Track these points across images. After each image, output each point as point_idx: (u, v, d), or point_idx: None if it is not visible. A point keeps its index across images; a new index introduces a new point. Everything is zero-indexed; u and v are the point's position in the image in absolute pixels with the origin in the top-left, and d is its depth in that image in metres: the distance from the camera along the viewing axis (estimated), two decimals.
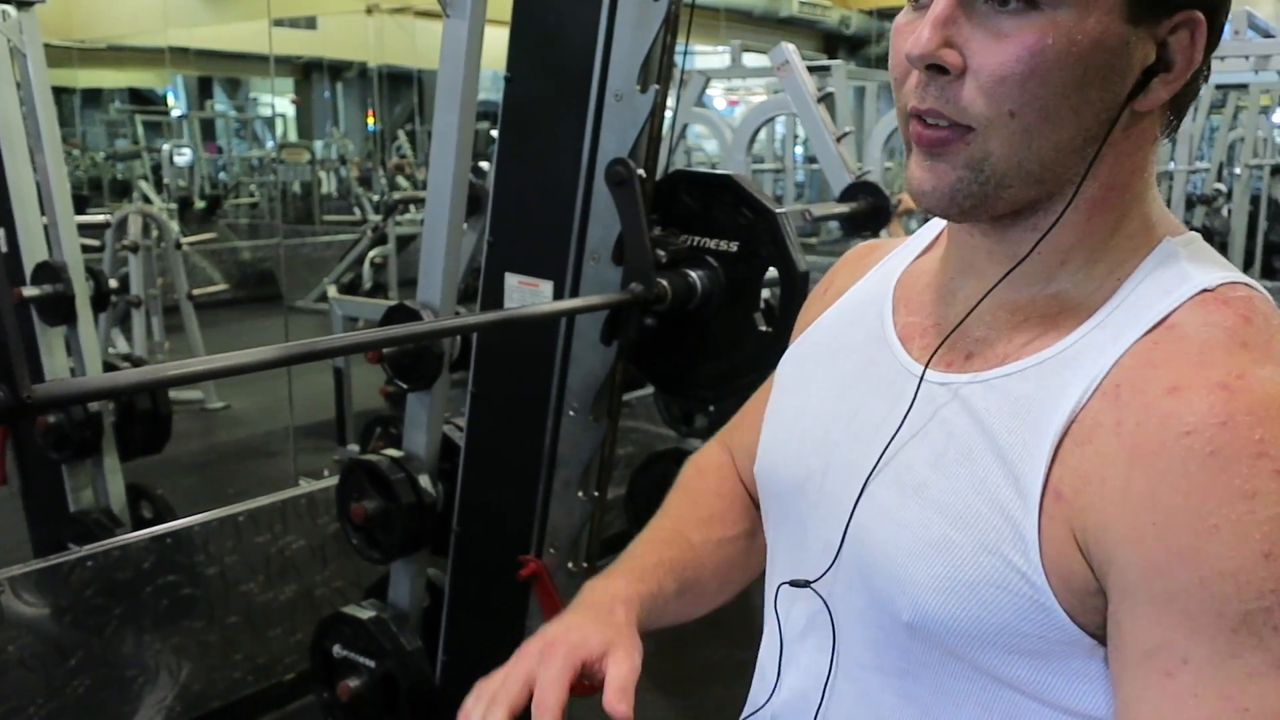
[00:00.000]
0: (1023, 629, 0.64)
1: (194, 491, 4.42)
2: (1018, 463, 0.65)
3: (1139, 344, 0.64)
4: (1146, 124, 0.68)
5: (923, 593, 0.67)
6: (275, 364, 1.25)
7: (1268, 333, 0.63)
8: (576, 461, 1.91)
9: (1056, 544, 0.63)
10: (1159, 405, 0.60)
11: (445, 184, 1.99)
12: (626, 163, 1.72)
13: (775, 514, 0.85)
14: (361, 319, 4.03)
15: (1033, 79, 0.63)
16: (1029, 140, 0.64)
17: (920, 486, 0.69)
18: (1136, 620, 0.59)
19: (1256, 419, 0.57)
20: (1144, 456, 0.60)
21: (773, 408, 0.88)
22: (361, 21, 10.16)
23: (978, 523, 0.65)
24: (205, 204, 10.51)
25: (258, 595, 2.76)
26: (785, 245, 1.71)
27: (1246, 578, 0.55)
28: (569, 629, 0.77)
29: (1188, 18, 0.64)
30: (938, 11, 0.64)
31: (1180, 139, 6.02)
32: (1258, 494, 0.56)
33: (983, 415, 0.68)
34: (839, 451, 0.77)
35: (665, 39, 1.71)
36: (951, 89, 0.65)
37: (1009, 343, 0.70)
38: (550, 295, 1.86)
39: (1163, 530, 0.58)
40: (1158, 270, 0.67)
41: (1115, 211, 0.69)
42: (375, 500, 2.07)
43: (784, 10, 13.18)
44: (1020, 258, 0.69)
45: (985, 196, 0.66)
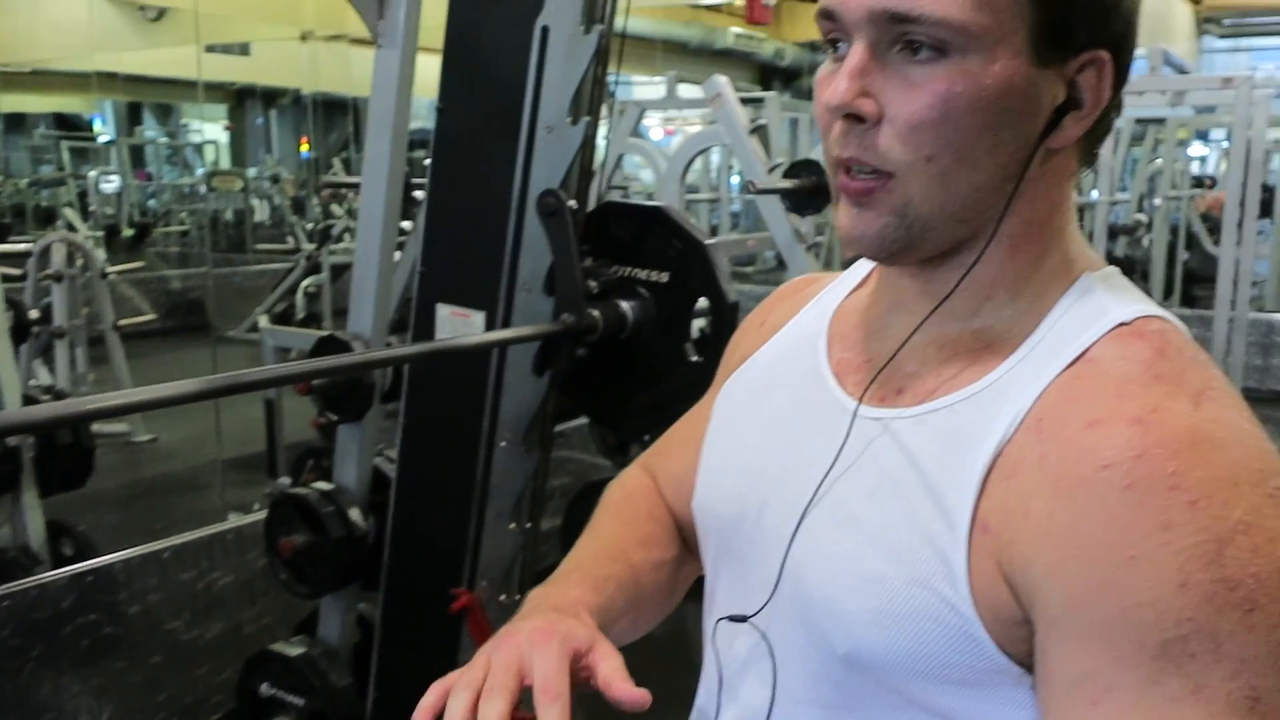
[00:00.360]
0: (954, 660, 0.65)
1: (118, 527, 4.30)
2: (946, 496, 0.66)
3: (1060, 378, 0.66)
4: (1062, 160, 0.70)
5: (857, 626, 0.68)
6: (198, 397, 1.23)
7: (1180, 365, 0.65)
8: (509, 492, 1.90)
9: (984, 576, 0.64)
10: (1079, 439, 0.62)
11: (376, 213, 1.98)
12: (557, 194, 1.72)
13: (714, 549, 0.85)
14: (294, 349, 3.97)
15: (946, 124, 0.65)
16: (947, 183, 0.66)
17: (854, 521, 0.70)
18: (1062, 650, 0.60)
19: (1170, 452, 0.59)
20: (1065, 489, 0.61)
21: (710, 443, 0.88)
22: (296, 48, 10.06)
23: (909, 556, 0.66)
24: (133, 232, 10.31)
25: (183, 633, 2.69)
26: (715, 276, 1.72)
27: (1164, 607, 0.56)
28: (550, 621, 0.72)
29: (1093, 57, 0.66)
30: (853, 63, 0.66)
31: (1102, 171, 6.20)
32: (1173, 525, 0.57)
33: (913, 450, 0.69)
34: (775, 487, 0.78)
35: (596, 71, 1.73)
36: (870, 137, 0.67)
37: (938, 377, 0.71)
38: (482, 326, 1.86)
39: (1084, 562, 0.59)
40: (1077, 305, 0.69)
41: (1036, 246, 0.71)
42: (304, 534, 2.04)
43: (719, 42, 13.35)
44: (946, 292, 0.71)
45: (912, 240, 0.68)
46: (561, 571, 0.87)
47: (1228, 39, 17.74)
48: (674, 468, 0.97)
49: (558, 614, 0.75)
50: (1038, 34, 0.64)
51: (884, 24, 0.65)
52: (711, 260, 1.73)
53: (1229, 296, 5.51)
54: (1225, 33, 17.39)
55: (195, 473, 5.07)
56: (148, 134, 14.12)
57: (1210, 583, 0.56)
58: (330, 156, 11.58)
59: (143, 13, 9.25)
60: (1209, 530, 0.57)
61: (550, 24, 1.71)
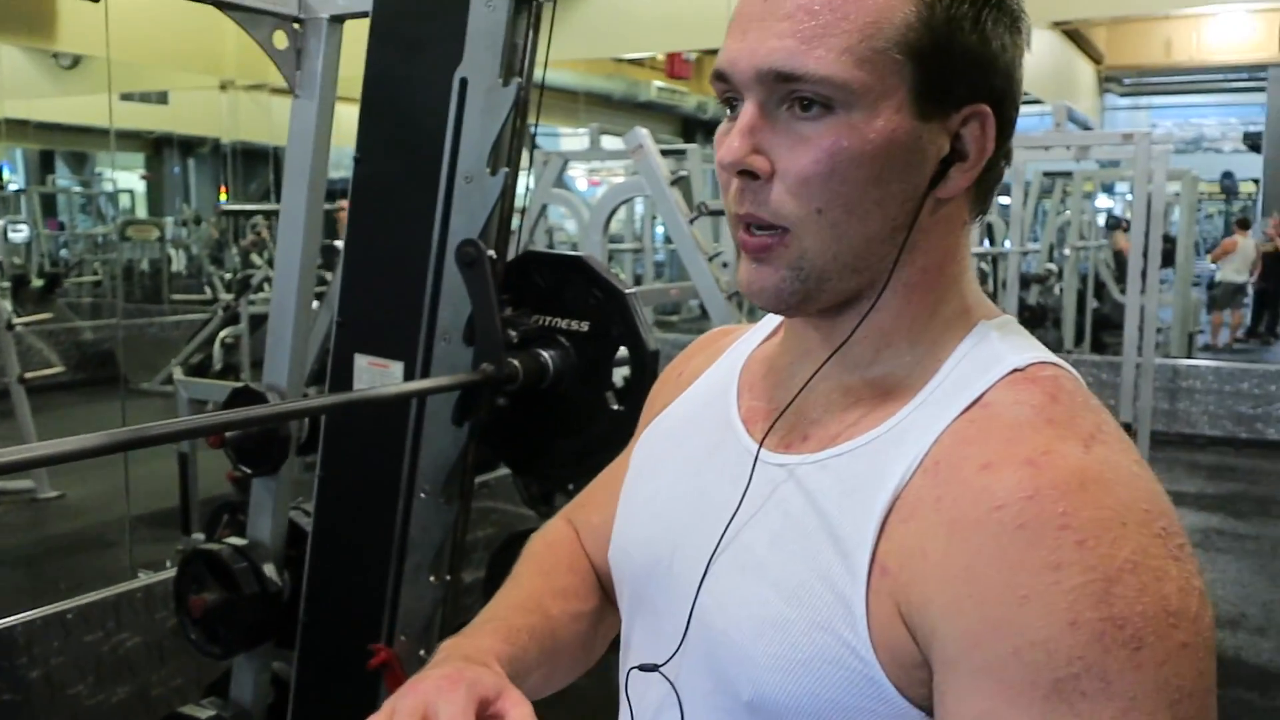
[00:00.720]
0: (855, 704, 0.66)
1: (19, 588, 4.14)
2: (847, 540, 0.67)
3: (957, 422, 0.67)
4: (953, 210, 0.72)
5: (761, 671, 0.68)
6: (103, 451, 1.20)
7: (1071, 409, 0.67)
8: (428, 545, 1.87)
9: (883, 618, 0.65)
10: (973, 481, 0.63)
11: (293, 263, 1.96)
12: (476, 244, 1.72)
13: (629, 598, 0.85)
14: (210, 402, 3.88)
15: (833, 178, 0.67)
16: (838, 235, 0.68)
17: (759, 566, 0.71)
18: (959, 691, 0.61)
19: (1060, 493, 0.60)
20: (960, 530, 0.62)
21: (626, 492, 0.89)
22: (215, 97, 9.96)
23: (811, 600, 0.67)
24: (43, 282, 10.02)
25: (87, 698, 2.58)
26: (635, 325, 1.73)
27: (1055, 646, 0.57)
28: (458, 669, 0.72)
29: (975, 111, 0.69)
30: (744, 121, 0.68)
31: (1013, 222, 6.39)
32: (1062, 565, 0.58)
33: (816, 495, 0.70)
34: (686, 535, 0.78)
35: (515, 122, 1.74)
36: (763, 193, 0.69)
37: (841, 423, 0.73)
38: (401, 376, 1.84)
39: (978, 602, 0.60)
40: (974, 351, 0.71)
41: (932, 294, 0.73)
42: (216, 592, 1.98)
43: (642, 95, 13.54)
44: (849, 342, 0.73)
45: (809, 292, 0.70)
46: (476, 622, 0.87)
47: (1128, 97, 18.53)
48: (593, 519, 0.98)
49: (466, 662, 0.74)
50: (918, 90, 0.67)
51: (771, 83, 0.67)
52: (632, 309, 1.74)
53: (1135, 343, 5.70)
54: (1126, 91, 18.18)
55: (104, 530, 4.90)
56: (60, 182, 13.80)
57: (1099, 621, 0.57)
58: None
59: (56, 60, 9.09)
60: (1097, 569, 0.58)
61: (469, 76, 1.72)
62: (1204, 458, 6.79)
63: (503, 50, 1.69)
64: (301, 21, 1.90)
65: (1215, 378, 7.11)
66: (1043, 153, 6.64)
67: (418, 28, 1.77)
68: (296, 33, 1.90)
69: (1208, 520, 5.38)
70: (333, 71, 1.92)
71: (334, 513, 1.96)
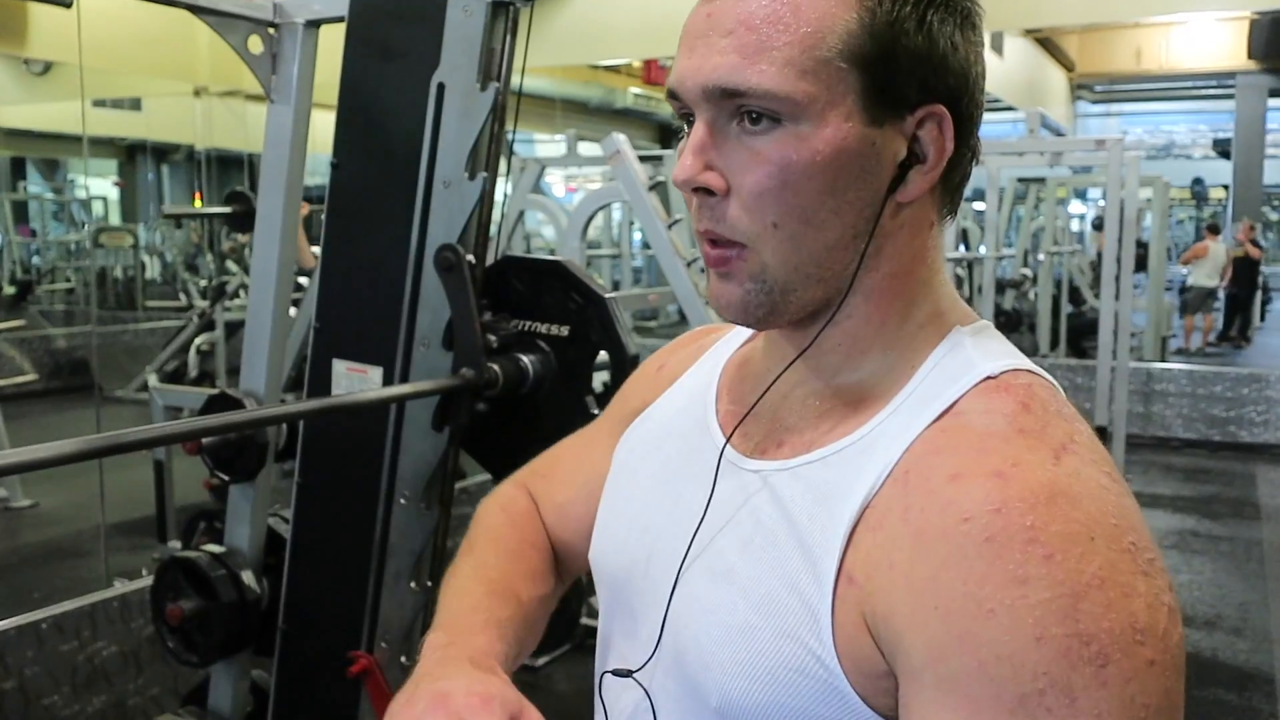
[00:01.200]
0: (820, 713, 0.65)
1: None
2: (815, 548, 0.67)
3: (928, 431, 0.67)
4: (918, 212, 0.71)
5: (728, 678, 0.68)
6: (77, 458, 1.19)
7: (1044, 418, 0.66)
8: (408, 551, 1.87)
9: (849, 628, 0.64)
10: (941, 492, 0.62)
11: (270, 269, 1.95)
12: (455, 248, 1.72)
13: (607, 601, 0.85)
14: (186, 409, 3.85)
15: (786, 190, 0.67)
16: (797, 246, 0.68)
17: (729, 573, 0.71)
18: (923, 704, 0.60)
19: (1028, 505, 0.59)
20: (927, 542, 0.61)
21: (606, 494, 0.89)
22: (189, 104, 9.89)
23: (778, 609, 0.67)
24: (15, 289, 9.93)
25: (62, 709, 2.55)
26: (615, 329, 1.73)
27: (1020, 661, 0.57)
28: (484, 685, 0.72)
29: (930, 111, 0.68)
30: (695, 140, 0.68)
31: (988, 228, 6.44)
32: (1029, 579, 0.57)
33: (787, 502, 0.70)
34: (661, 539, 0.78)
35: (493, 127, 1.74)
36: (720, 209, 0.69)
37: (815, 430, 0.73)
38: (379, 382, 1.83)
39: (944, 614, 0.60)
40: (947, 359, 0.71)
41: (903, 298, 0.72)
42: (193, 600, 1.96)
43: (619, 102, 13.56)
44: (822, 349, 0.73)
45: (775, 304, 0.70)
46: (460, 609, 0.85)
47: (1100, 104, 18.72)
48: (558, 495, 0.97)
49: (479, 672, 0.74)
50: (867, 96, 0.66)
51: (718, 100, 0.67)
52: (611, 313, 1.74)
53: (1110, 347, 5.75)
54: (1097, 98, 18.37)
55: (78, 539, 4.86)
56: (32, 189, 13.67)
57: (1065, 637, 0.56)
58: None
59: (27, 66, 9.01)
60: (1064, 585, 0.57)
61: (446, 80, 1.72)
62: (1179, 460, 6.86)
63: (480, 55, 1.70)
64: (277, 26, 1.89)
65: (1189, 381, 7.18)
66: (1016, 159, 6.70)
67: (394, 32, 1.77)
68: (272, 38, 1.90)
69: (1183, 522, 5.42)
70: (308, 77, 1.92)
71: (313, 519, 1.95)
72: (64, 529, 5.14)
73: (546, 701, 0.93)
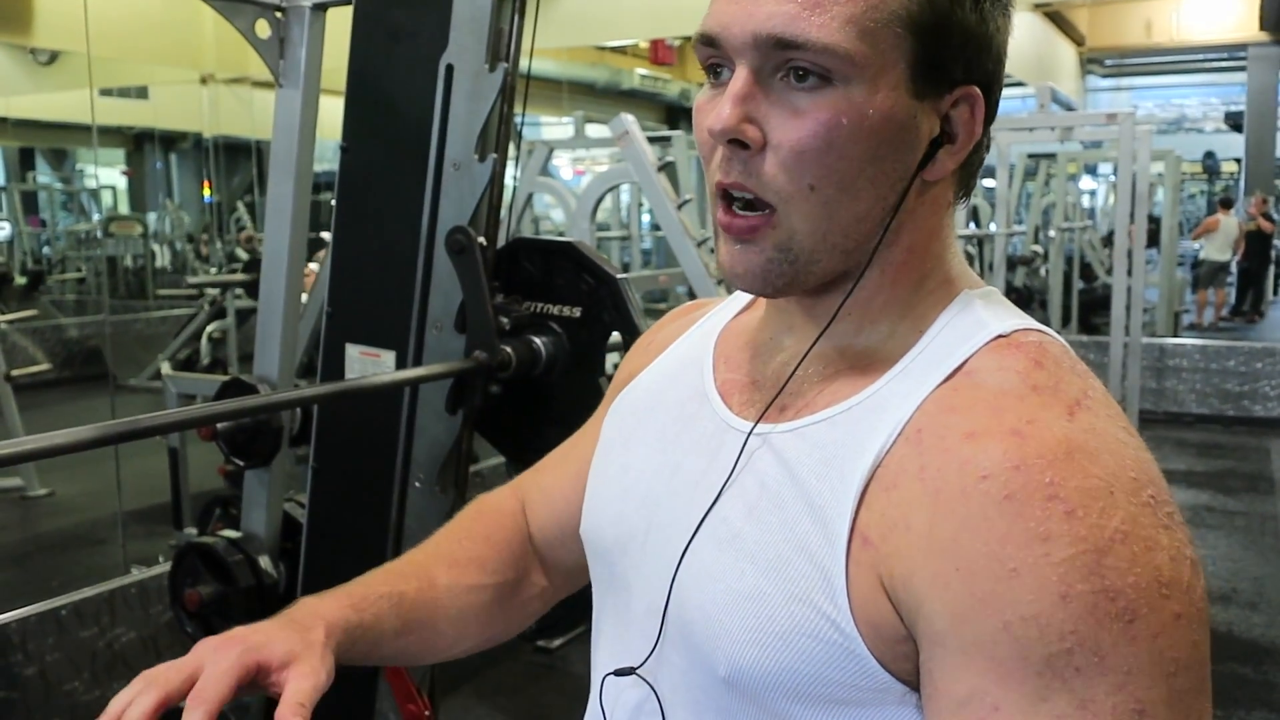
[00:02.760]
0: (835, 677, 0.64)
1: (11, 586, 4.13)
2: (825, 509, 0.65)
3: (939, 390, 0.66)
4: (938, 191, 0.71)
5: (737, 646, 0.67)
6: (93, 444, 1.19)
7: (1057, 375, 0.65)
8: (424, 535, 1.85)
9: (864, 590, 0.63)
10: (958, 450, 0.61)
11: (281, 254, 1.95)
12: (466, 230, 1.72)
13: (601, 576, 0.83)
14: (199, 396, 3.86)
15: (830, 153, 0.65)
16: (829, 212, 0.67)
17: (735, 538, 0.69)
18: (947, 669, 0.59)
19: (1046, 462, 0.58)
20: (945, 502, 0.60)
21: (596, 466, 0.87)
22: (196, 91, 9.87)
23: (788, 571, 0.65)
24: (26, 280, 9.96)
25: (83, 694, 2.57)
26: (627, 309, 1.73)
27: (1047, 620, 0.56)
28: (254, 630, 0.74)
29: (966, 93, 0.68)
30: (737, 88, 0.66)
31: (999, 204, 6.41)
32: (1051, 536, 0.57)
33: (793, 463, 0.69)
34: (660, 509, 0.77)
35: (502, 109, 1.73)
36: (754, 164, 0.66)
37: (820, 393, 0.71)
38: (393, 365, 1.83)
39: (966, 576, 0.58)
40: (956, 319, 0.70)
41: (917, 272, 0.72)
42: (211, 585, 1.97)
43: (626, 83, 13.50)
44: (829, 321, 0.72)
45: (797, 274, 0.69)
46: (354, 580, 0.86)
47: (1110, 78, 18.58)
48: (544, 480, 0.97)
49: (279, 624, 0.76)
50: (916, 69, 0.66)
51: (769, 50, 0.65)
52: (623, 294, 1.74)
53: (1123, 322, 5.72)
54: (1108, 72, 18.23)
55: (95, 526, 4.89)
56: (41, 179, 13.70)
57: (1090, 594, 0.56)
58: (234, 200, 11.38)
59: (34, 56, 9.01)
60: (1087, 540, 0.56)
61: (454, 62, 1.72)
62: (1192, 435, 6.83)
63: (488, 36, 1.69)
64: (284, 10, 1.89)
65: (1202, 356, 7.14)
66: (1027, 134, 6.65)
67: (402, 14, 1.77)
68: (279, 21, 1.89)
69: (1197, 497, 5.41)
70: (317, 60, 1.91)
71: (328, 504, 1.96)
72: (80, 517, 5.18)
73: (562, 683, 0.94)
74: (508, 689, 3.39)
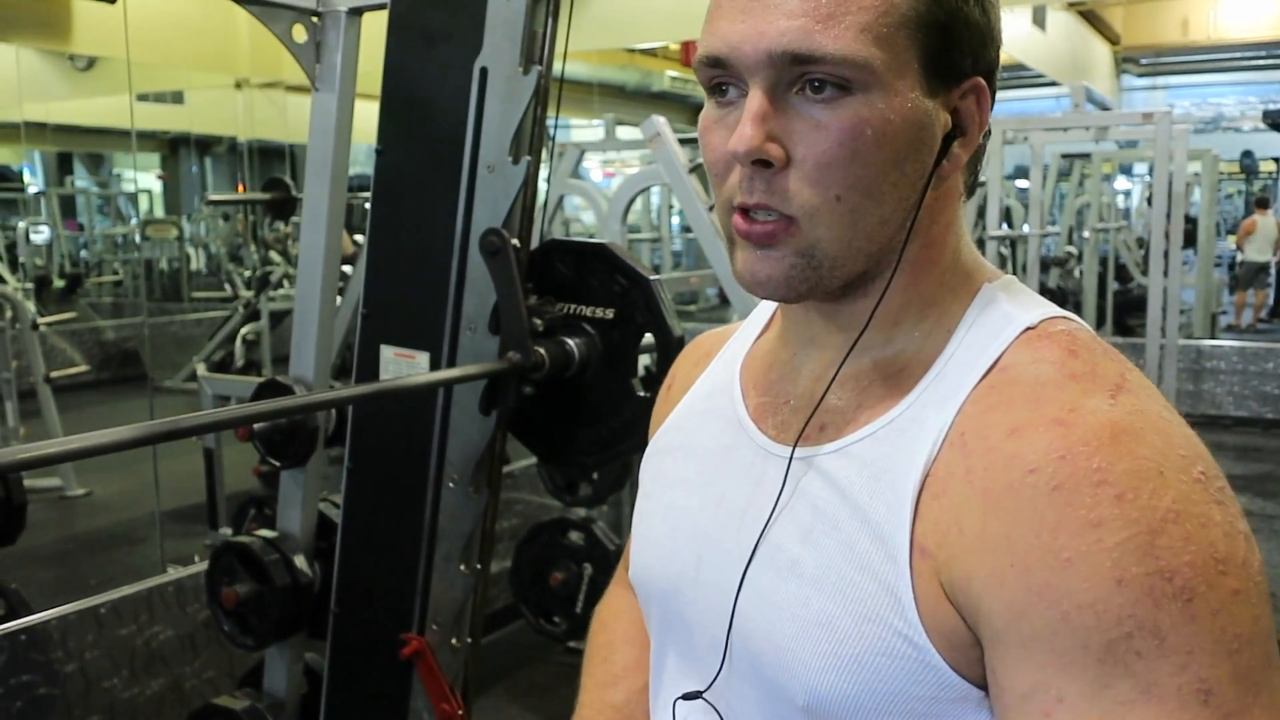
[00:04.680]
0: (916, 693, 0.64)
1: (52, 584, 4.19)
2: (883, 525, 0.65)
3: (977, 390, 0.66)
4: (950, 185, 0.72)
5: (812, 674, 0.66)
6: (134, 444, 1.21)
7: (1092, 361, 0.65)
8: (457, 534, 1.88)
9: (930, 601, 0.63)
10: (1002, 448, 0.62)
11: (317, 257, 1.97)
12: (500, 232, 1.73)
13: (657, 620, 0.83)
14: (233, 398, 3.91)
15: (855, 162, 0.65)
16: (855, 220, 0.66)
17: (793, 565, 0.69)
18: (1009, 665, 0.59)
19: (1092, 449, 0.58)
20: (995, 499, 0.60)
21: (639, 512, 0.86)
22: (230, 96, 9.98)
23: (854, 592, 0.65)
24: (65, 283, 10.11)
25: (122, 691, 2.61)
26: (660, 311, 1.73)
27: (1104, 607, 0.56)
28: None
29: (973, 85, 0.69)
30: (755, 107, 0.65)
31: (1032, 205, 6.35)
32: (1102, 522, 0.56)
33: (843, 483, 0.68)
34: (710, 542, 0.76)
35: (536, 111, 1.74)
36: (777, 181, 0.66)
37: (858, 409, 0.71)
38: (427, 366, 1.85)
39: (1021, 570, 0.58)
40: (982, 316, 0.70)
41: (936, 268, 0.72)
42: (248, 584, 2.00)
43: (655, 85, 13.51)
44: (858, 325, 0.71)
45: (820, 279, 0.68)
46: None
47: (1145, 77, 18.36)
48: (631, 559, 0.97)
49: None
50: (929, 68, 0.66)
51: (784, 66, 0.64)
52: (656, 296, 1.74)
53: (1159, 324, 5.66)
54: (1143, 71, 18.01)
55: (132, 526, 4.96)
56: (79, 184, 13.89)
57: (1146, 576, 0.55)
58: None
59: (72, 62, 9.14)
60: (1139, 523, 0.56)
61: (489, 65, 1.72)
62: (1230, 439, 6.74)
63: (522, 38, 1.69)
64: (320, 15, 1.90)
65: (1240, 358, 7.05)
66: (1061, 134, 6.59)
67: (436, 18, 1.78)
68: (315, 26, 1.91)
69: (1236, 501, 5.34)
70: (352, 64, 1.93)
71: (363, 504, 1.97)
72: (117, 516, 5.25)
73: None
74: (540, 689, 3.40)
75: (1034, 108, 14.58)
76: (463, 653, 1.93)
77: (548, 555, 3.48)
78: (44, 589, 3.74)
